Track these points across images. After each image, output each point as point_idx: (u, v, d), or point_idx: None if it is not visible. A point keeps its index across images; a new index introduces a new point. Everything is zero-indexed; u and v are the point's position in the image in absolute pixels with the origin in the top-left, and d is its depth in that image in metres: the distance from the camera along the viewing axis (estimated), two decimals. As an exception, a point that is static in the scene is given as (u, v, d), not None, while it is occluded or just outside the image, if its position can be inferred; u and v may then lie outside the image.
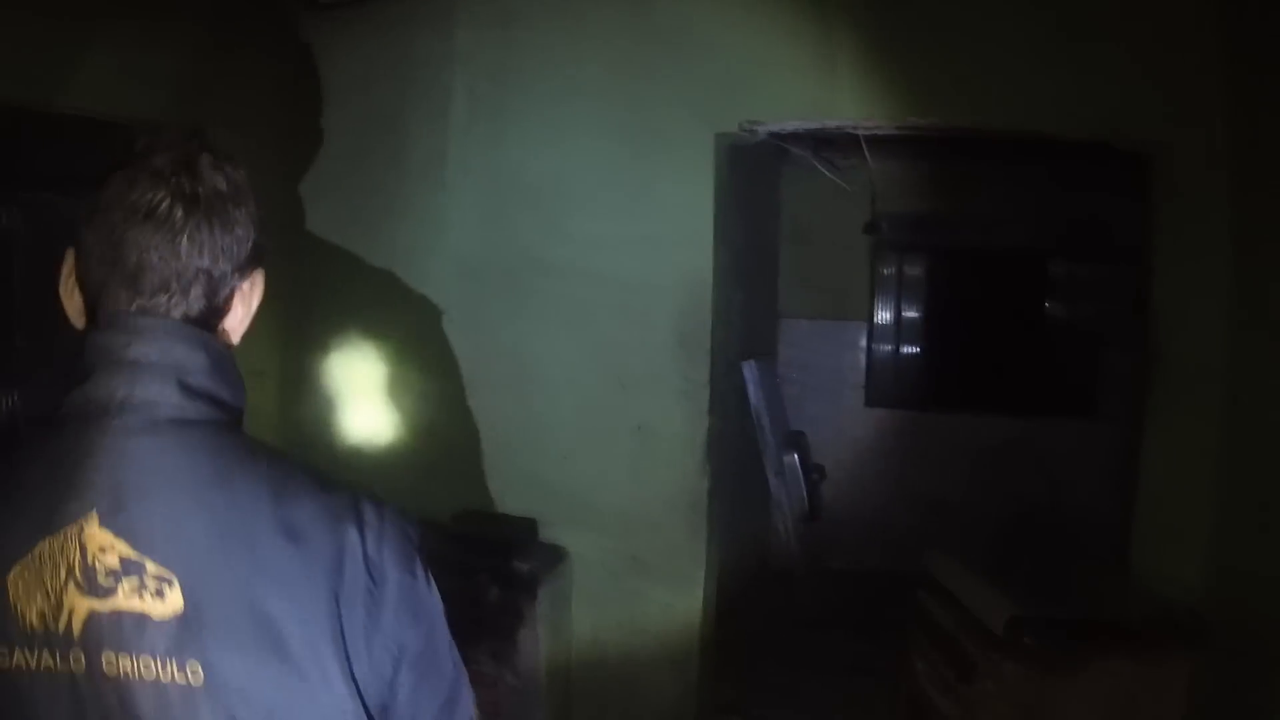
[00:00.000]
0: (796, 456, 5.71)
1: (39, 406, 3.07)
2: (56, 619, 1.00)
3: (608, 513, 4.02)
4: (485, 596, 3.73)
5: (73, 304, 1.16)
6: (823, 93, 3.82)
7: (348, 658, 1.08)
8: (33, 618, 1.00)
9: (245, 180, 1.19)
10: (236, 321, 1.21)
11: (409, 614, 1.14)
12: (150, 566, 1.02)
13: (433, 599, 1.18)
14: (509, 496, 4.11)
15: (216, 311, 1.17)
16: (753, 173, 5.55)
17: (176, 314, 1.13)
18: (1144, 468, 3.63)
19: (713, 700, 4.32)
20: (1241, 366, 3.40)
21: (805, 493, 5.73)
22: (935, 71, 3.71)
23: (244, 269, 1.19)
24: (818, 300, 6.61)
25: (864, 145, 4.70)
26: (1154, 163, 3.60)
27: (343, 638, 1.08)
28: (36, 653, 1.00)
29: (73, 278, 1.15)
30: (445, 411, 4.17)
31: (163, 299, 1.12)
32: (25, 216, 3.18)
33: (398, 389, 4.24)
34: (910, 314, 6.68)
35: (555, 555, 3.99)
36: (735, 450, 5.16)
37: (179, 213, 1.11)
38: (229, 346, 1.20)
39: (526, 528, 4.05)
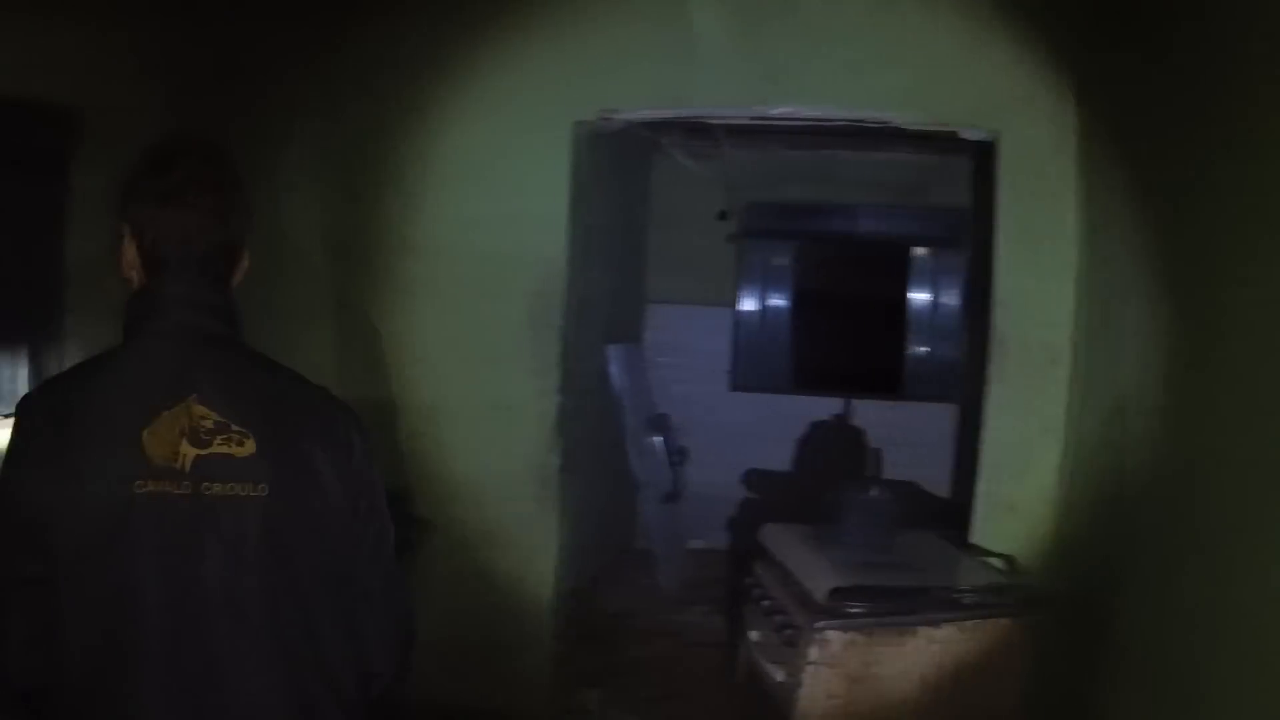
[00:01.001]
0: (660, 439, 5.83)
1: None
2: (174, 461, 1.59)
3: (465, 487, 4.09)
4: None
5: (130, 263, 1.71)
6: (681, 83, 3.95)
7: (341, 481, 1.71)
8: (159, 460, 1.58)
9: None
10: (237, 274, 1.81)
11: (365, 463, 1.78)
12: (234, 426, 1.63)
13: (373, 463, 1.80)
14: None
15: (234, 269, 1.79)
16: (619, 159, 5.64)
17: (219, 272, 1.73)
18: (985, 447, 3.80)
19: (573, 674, 4.41)
20: (1083, 349, 3.60)
21: (668, 474, 5.86)
22: (790, 62, 3.87)
23: None
24: (686, 285, 6.69)
25: (720, 134, 4.84)
26: (999, 151, 3.76)
27: (338, 470, 1.71)
28: (161, 483, 1.58)
29: (134, 245, 1.70)
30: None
31: (211, 261, 1.72)
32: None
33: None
34: (775, 300, 6.82)
35: (415, 528, 4.03)
36: (595, 430, 5.26)
37: (230, 207, 1.74)
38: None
39: (390, 501, 4.07)
